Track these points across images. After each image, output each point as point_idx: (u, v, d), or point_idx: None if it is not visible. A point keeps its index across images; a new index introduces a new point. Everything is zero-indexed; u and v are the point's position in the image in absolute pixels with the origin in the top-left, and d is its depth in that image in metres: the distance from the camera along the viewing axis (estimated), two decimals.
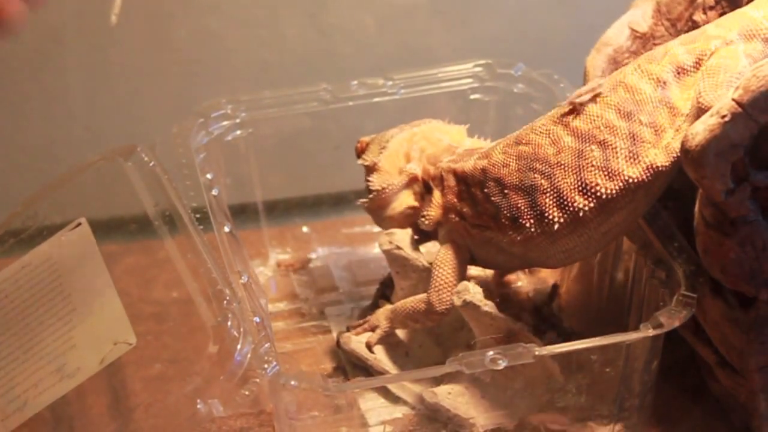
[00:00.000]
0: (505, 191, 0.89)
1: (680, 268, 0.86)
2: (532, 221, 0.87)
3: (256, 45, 1.25)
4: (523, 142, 0.89)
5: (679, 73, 0.87)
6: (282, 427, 0.86)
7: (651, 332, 0.83)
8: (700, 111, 0.84)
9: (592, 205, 0.86)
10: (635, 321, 0.92)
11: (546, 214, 0.87)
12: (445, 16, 1.28)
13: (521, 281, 1.10)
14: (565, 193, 0.86)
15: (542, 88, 1.10)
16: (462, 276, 0.93)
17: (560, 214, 0.87)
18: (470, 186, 0.92)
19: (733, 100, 0.79)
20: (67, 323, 0.85)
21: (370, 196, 0.98)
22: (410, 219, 0.98)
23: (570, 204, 0.86)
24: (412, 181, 0.97)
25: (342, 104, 1.11)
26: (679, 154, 0.84)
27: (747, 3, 0.91)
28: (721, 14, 0.92)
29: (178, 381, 0.84)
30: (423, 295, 0.93)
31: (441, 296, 0.92)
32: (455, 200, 0.93)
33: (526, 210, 0.88)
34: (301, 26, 1.26)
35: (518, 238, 0.89)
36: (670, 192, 0.90)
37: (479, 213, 0.91)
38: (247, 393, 0.82)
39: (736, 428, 0.91)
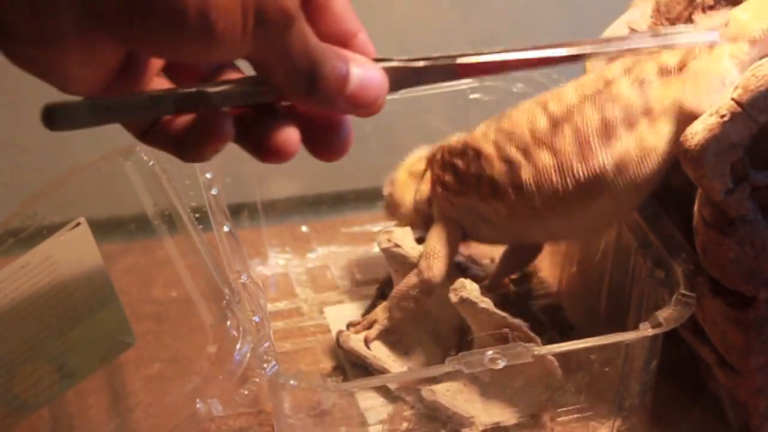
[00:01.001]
0: (482, 162, 0.91)
1: (679, 268, 0.86)
2: (510, 189, 0.90)
3: None
4: (505, 117, 0.92)
5: (661, 73, 0.87)
6: (281, 427, 0.86)
7: (650, 332, 0.83)
8: (682, 114, 0.84)
9: (567, 181, 0.88)
10: (634, 320, 0.92)
11: (524, 187, 0.89)
12: (444, 15, 1.28)
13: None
14: (540, 169, 0.88)
15: (541, 87, 1.09)
16: (452, 248, 0.95)
17: (536, 188, 0.89)
18: (453, 156, 0.95)
19: (733, 99, 0.79)
20: (66, 323, 0.85)
21: (384, 200, 1.04)
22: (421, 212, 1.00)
23: (545, 180, 0.88)
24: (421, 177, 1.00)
25: None
26: (650, 146, 0.85)
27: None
28: None
29: (178, 380, 0.84)
30: (414, 270, 0.95)
31: (430, 263, 0.94)
32: (439, 171, 0.96)
33: (506, 181, 0.90)
34: None
35: (502, 209, 0.91)
36: (670, 191, 0.90)
37: (460, 181, 0.94)
38: (246, 392, 0.82)
39: (735, 428, 0.91)
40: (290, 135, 0.63)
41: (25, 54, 0.56)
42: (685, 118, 0.84)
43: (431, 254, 0.94)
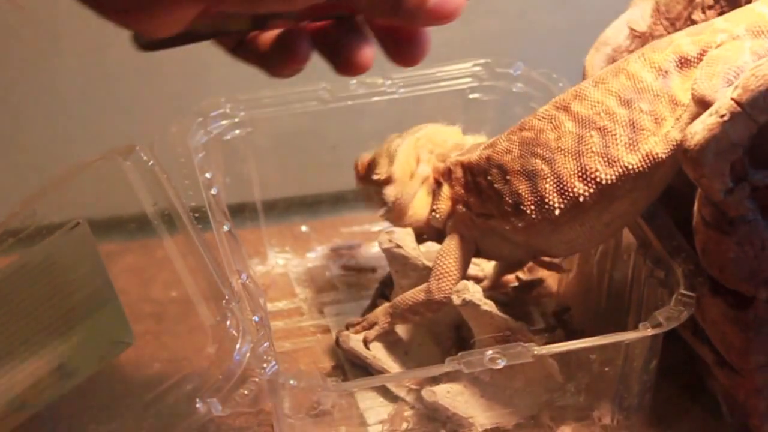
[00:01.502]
0: (507, 177, 0.89)
1: (679, 268, 0.86)
2: (532, 207, 0.88)
3: None
4: (526, 128, 0.90)
5: (681, 64, 0.86)
6: (281, 427, 0.86)
7: (650, 332, 0.83)
8: (693, 99, 0.84)
9: (591, 191, 0.86)
10: (634, 320, 0.92)
11: (546, 200, 0.87)
12: None
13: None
14: (565, 178, 0.87)
15: (541, 87, 1.10)
16: (465, 268, 0.93)
17: (560, 200, 0.87)
18: (476, 175, 0.92)
19: (732, 99, 0.79)
20: (66, 322, 0.85)
21: (387, 207, 0.98)
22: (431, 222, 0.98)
23: (570, 189, 0.86)
24: (425, 182, 0.97)
25: (341, 103, 1.11)
26: (678, 143, 0.84)
27: (747, 1, 0.91)
28: (720, 13, 0.92)
29: (178, 380, 0.84)
30: (422, 286, 0.93)
31: (441, 284, 0.92)
32: (462, 191, 0.93)
33: (527, 196, 0.88)
34: None
35: (520, 224, 0.89)
36: (670, 191, 0.90)
37: (483, 201, 0.91)
38: (246, 392, 0.82)
39: (735, 428, 0.91)
40: (365, 51, 0.67)
41: (115, 20, 0.61)
42: (695, 103, 0.83)
43: (444, 275, 0.92)
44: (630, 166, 0.85)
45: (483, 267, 1.09)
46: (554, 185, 0.87)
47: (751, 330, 0.83)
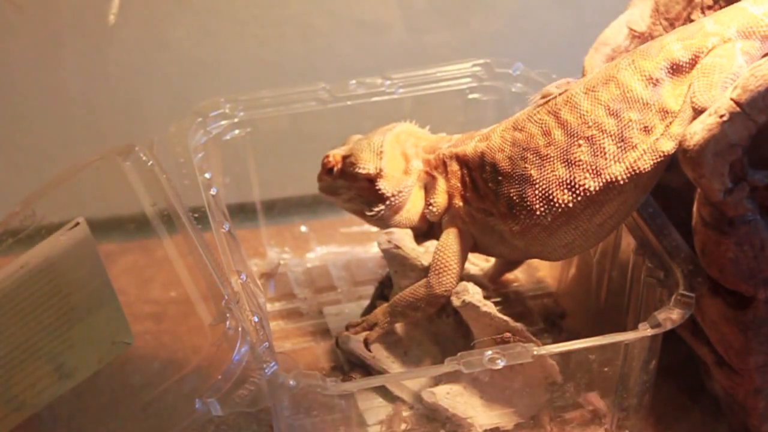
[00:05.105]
0: (500, 178, 0.90)
1: (678, 268, 0.86)
2: (524, 213, 0.88)
3: (255, 44, 1.25)
4: (519, 128, 0.90)
5: (673, 70, 0.87)
6: (280, 427, 0.86)
7: (649, 332, 0.83)
8: (694, 111, 0.84)
9: (579, 199, 0.87)
10: (633, 321, 0.92)
11: (536, 207, 0.88)
12: (443, 15, 1.28)
13: (519, 282, 1.10)
14: (553, 186, 0.87)
15: (540, 87, 1.09)
16: (463, 261, 0.93)
17: (549, 207, 0.87)
18: (472, 170, 0.92)
19: (732, 99, 0.79)
20: (65, 322, 0.85)
21: (387, 203, 0.96)
22: (425, 217, 0.97)
23: (558, 198, 0.87)
24: (420, 177, 0.97)
25: (340, 103, 1.11)
26: (666, 152, 0.85)
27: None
28: None
29: (177, 381, 0.84)
30: (422, 281, 0.93)
31: (441, 279, 0.92)
32: (459, 185, 0.93)
33: (518, 201, 0.89)
34: (300, 26, 1.26)
35: (515, 228, 0.89)
36: (669, 191, 0.90)
37: (481, 197, 0.92)
38: (245, 392, 0.82)
39: (734, 428, 0.91)
40: None
41: None
42: (695, 113, 0.83)
43: (443, 269, 0.92)
44: (616, 176, 0.86)
45: (482, 267, 1.09)
46: (543, 192, 0.87)
47: (750, 330, 0.83)
